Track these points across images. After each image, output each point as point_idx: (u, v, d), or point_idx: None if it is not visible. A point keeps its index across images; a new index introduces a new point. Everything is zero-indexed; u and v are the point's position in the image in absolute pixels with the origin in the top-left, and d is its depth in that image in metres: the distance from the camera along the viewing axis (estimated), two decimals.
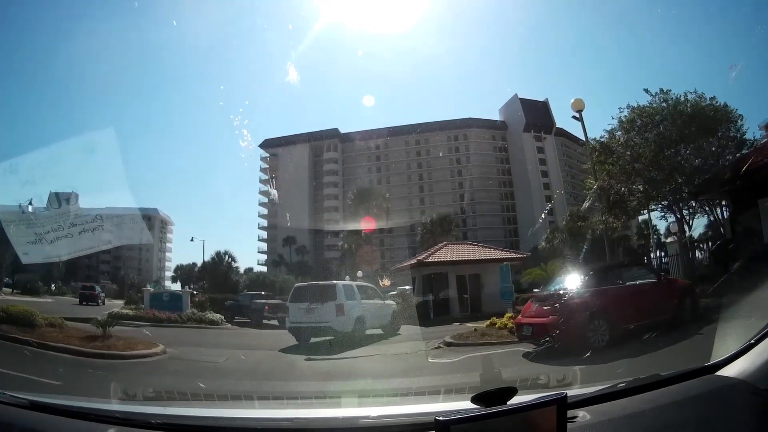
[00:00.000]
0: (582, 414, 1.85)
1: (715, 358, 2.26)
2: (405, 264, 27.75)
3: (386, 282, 32.15)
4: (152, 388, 4.97)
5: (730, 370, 2.10)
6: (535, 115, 67.91)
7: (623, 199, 18.69)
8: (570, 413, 1.68)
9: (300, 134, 73.39)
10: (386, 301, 15.78)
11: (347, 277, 28.83)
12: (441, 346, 10.98)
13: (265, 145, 75.06)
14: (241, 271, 58.55)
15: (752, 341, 2.13)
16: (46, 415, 2.23)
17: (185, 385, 6.92)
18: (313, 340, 12.82)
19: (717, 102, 17.03)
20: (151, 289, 24.20)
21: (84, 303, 27.95)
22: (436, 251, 24.85)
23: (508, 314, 12.47)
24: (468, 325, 14.13)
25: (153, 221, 77.53)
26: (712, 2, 52.09)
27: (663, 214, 20.77)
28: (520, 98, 69.21)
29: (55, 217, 9.38)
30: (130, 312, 19.77)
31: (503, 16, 67.75)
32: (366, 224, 49.02)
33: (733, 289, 7.70)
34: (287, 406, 3.94)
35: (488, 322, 12.71)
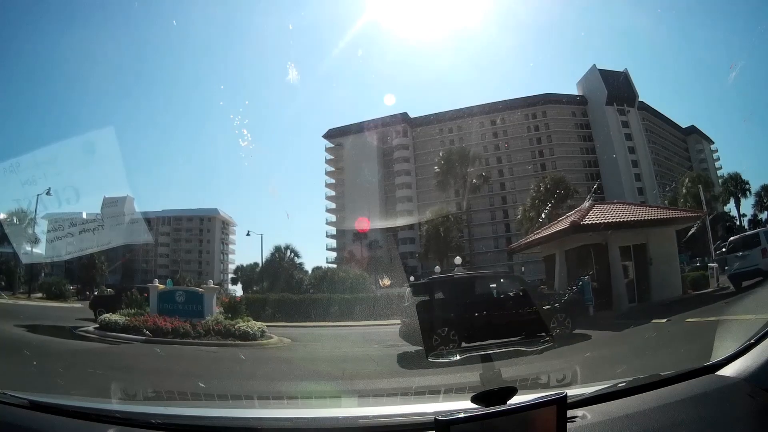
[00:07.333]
0: (582, 414, 1.85)
1: (715, 358, 2.26)
2: (545, 233, 19.46)
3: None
4: (152, 388, 4.98)
5: (730, 370, 2.10)
6: (617, 87, 62.10)
7: None
8: (570, 413, 1.68)
9: (366, 121, 67.87)
10: None
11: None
12: None
13: (330, 135, 70.96)
14: (308, 269, 51.32)
15: (752, 341, 2.13)
16: (46, 415, 2.24)
17: (185, 385, 6.91)
18: (745, 283, 14.56)
19: None
20: (160, 286, 18.46)
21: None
22: (586, 213, 17.34)
23: None
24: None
25: (213, 222, 75.47)
26: None
27: None
28: (599, 69, 63.80)
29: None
30: (121, 320, 14.67)
31: None
32: (458, 198, 42.06)
33: None
34: (287, 406, 3.94)
35: None
